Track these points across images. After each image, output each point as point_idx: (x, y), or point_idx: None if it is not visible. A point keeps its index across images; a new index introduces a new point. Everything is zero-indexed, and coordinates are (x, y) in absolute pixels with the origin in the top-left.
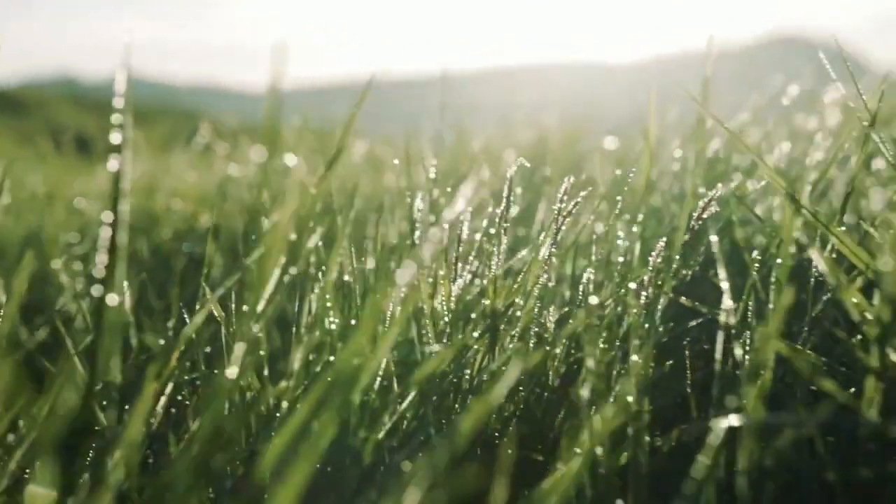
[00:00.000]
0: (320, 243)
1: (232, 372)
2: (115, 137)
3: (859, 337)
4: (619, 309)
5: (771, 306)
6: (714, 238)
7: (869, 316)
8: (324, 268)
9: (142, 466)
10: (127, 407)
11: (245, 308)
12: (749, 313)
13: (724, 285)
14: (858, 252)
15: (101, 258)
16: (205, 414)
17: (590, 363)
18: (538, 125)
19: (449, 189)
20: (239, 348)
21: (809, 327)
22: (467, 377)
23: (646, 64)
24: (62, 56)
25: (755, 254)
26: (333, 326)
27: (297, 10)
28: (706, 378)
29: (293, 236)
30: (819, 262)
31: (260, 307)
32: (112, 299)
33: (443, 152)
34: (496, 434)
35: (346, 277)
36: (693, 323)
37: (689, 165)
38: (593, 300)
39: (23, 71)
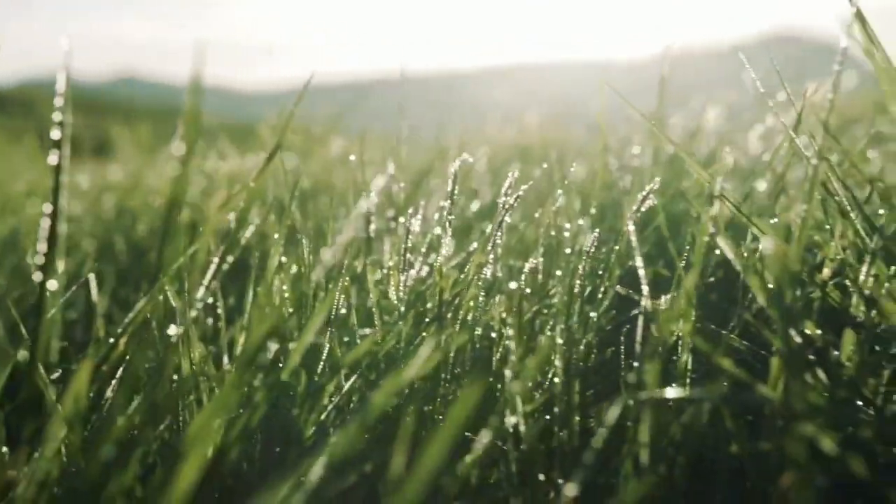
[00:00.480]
0: (276, 235)
1: (170, 354)
2: (55, 133)
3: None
4: (566, 298)
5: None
6: (631, 226)
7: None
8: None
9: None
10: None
11: (179, 293)
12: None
13: (641, 272)
14: (779, 240)
15: (41, 247)
16: (145, 392)
17: (511, 344)
18: (519, 123)
19: (411, 184)
20: (172, 329)
21: (740, 314)
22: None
23: (645, 62)
24: (61, 56)
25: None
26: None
27: (297, 9)
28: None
29: (232, 227)
30: (724, 247)
31: (201, 293)
32: (52, 284)
33: (417, 149)
34: (431, 412)
35: (297, 268)
36: (635, 311)
37: (647, 162)
38: (512, 285)
39: (22, 71)
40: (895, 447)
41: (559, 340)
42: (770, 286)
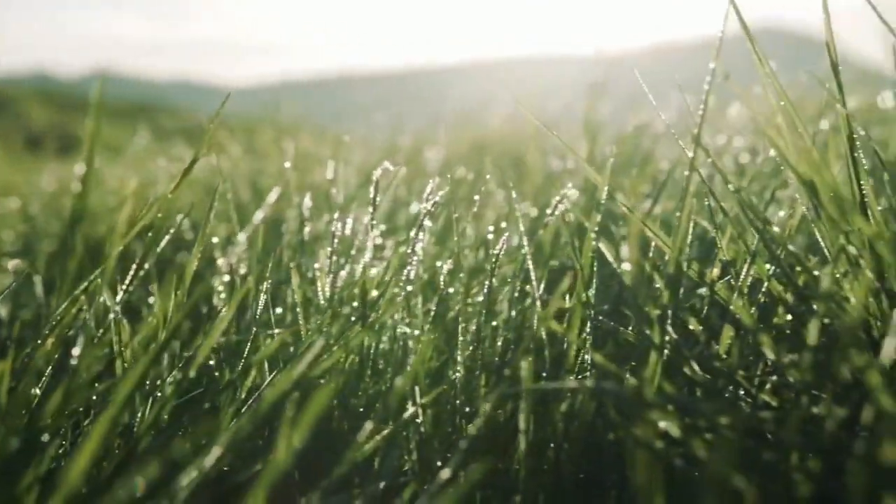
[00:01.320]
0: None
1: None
2: None
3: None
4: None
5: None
6: (522, 228)
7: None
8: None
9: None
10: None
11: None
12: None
13: (532, 273)
14: (665, 239)
15: None
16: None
17: (410, 343)
18: (480, 121)
19: (354, 187)
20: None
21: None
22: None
23: (613, 58)
24: (37, 53)
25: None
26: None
27: (264, 7)
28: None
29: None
30: (604, 250)
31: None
32: None
33: (371, 149)
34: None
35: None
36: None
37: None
38: (409, 288)
39: None
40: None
41: (461, 337)
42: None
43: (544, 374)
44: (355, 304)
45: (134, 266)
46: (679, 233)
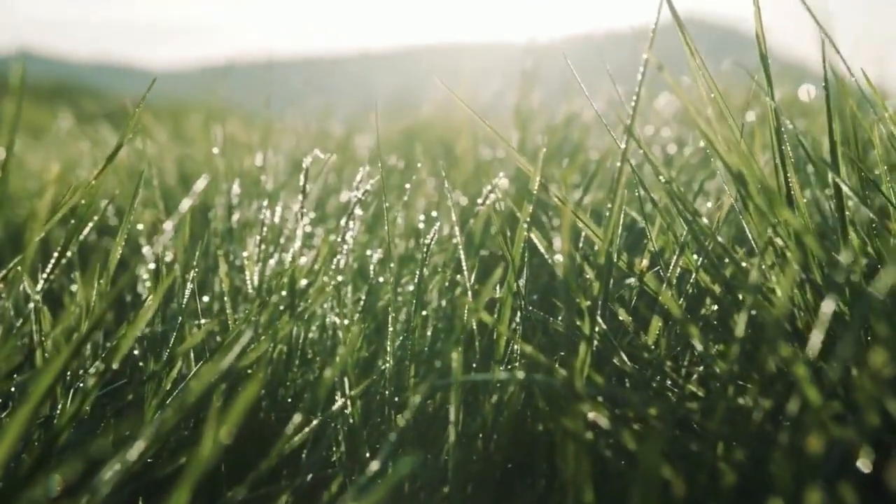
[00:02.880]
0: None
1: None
2: None
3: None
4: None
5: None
6: (454, 220)
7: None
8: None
9: None
10: None
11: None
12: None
13: (464, 264)
14: (595, 230)
15: None
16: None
17: (341, 334)
18: (412, 109)
19: (278, 175)
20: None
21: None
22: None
23: (548, 46)
24: None
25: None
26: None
27: None
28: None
29: (72, 222)
30: (536, 241)
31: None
32: None
33: (305, 136)
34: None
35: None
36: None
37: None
38: (340, 278)
39: None
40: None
41: (391, 327)
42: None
43: (474, 365)
44: (284, 293)
45: (56, 253)
46: (610, 223)
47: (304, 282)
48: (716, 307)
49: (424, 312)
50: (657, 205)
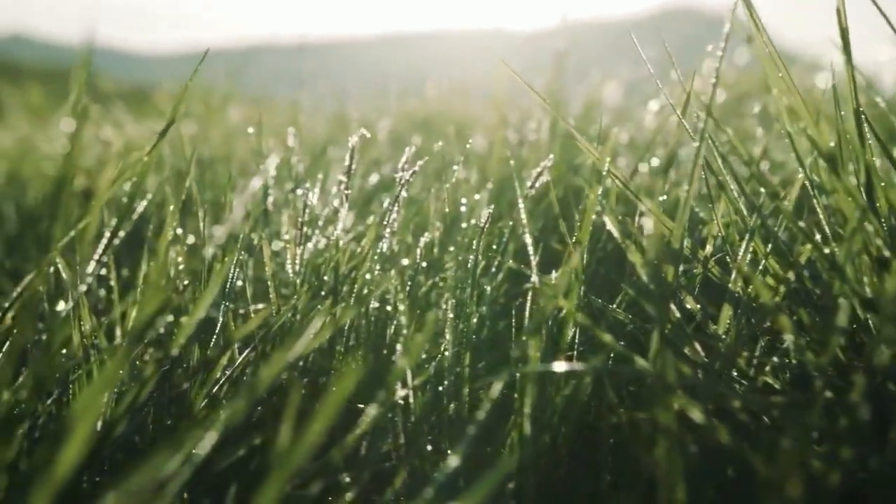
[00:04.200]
0: (171, 207)
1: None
2: None
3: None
4: (460, 273)
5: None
6: (521, 205)
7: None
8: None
9: None
10: None
11: (69, 268)
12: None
13: (530, 249)
14: (663, 218)
15: None
16: (30, 364)
17: (402, 319)
18: (420, 93)
19: (310, 156)
20: (61, 305)
21: (625, 288)
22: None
23: (547, 33)
24: None
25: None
26: (181, 286)
27: None
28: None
29: (125, 200)
30: (609, 225)
31: (90, 268)
32: None
33: (319, 119)
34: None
35: (193, 240)
36: (528, 285)
37: (544, 137)
38: (404, 262)
39: None
40: (762, 416)
41: (450, 314)
42: (652, 262)
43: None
44: (326, 278)
45: (107, 235)
46: (686, 206)
47: (345, 267)
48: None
49: (478, 298)
50: (725, 187)
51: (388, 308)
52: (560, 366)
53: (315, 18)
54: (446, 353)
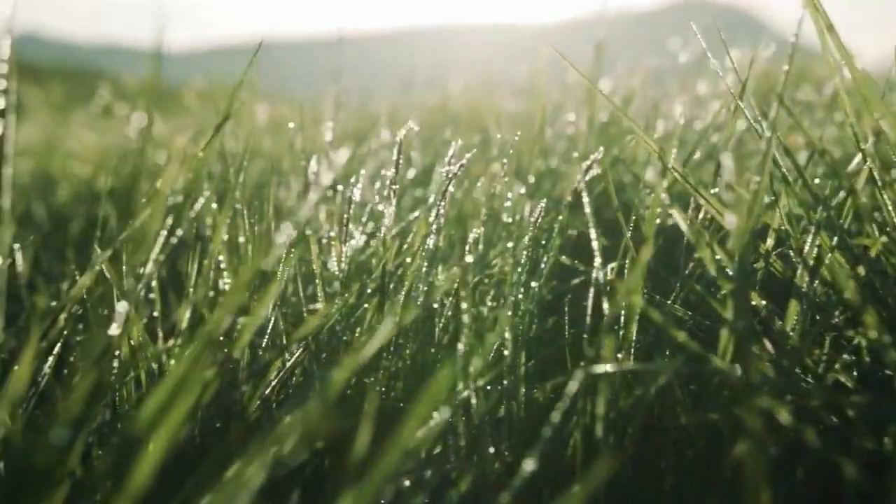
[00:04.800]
0: (215, 205)
1: (114, 329)
2: None
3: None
4: (507, 268)
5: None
6: (586, 199)
7: (729, 271)
8: (212, 229)
9: (30, 424)
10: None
11: (127, 268)
12: (625, 271)
13: (595, 244)
14: (719, 207)
15: None
16: (84, 368)
17: (465, 318)
18: (442, 88)
19: (349, 151)
20: (121, 306)
21: (682, 284)
22: (357, 335)
23: (556, 26)
24: None
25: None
26: (226, 286)
27: None
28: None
29: (180, 198)
30: (679, 220)
31: (149, 268)
32: None
33: (346, 115)
34: (383, 391)
35: (240, 238)
36: (576, 281)
37: (581, 129)
38: (469, 259)
39: None
40: (840, 415)
41: (509, 312)
42: (717, 258)
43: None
44: (373, 275)
45: (164, 234)
46: (756, 198)
47: (391, 264)
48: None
49: (532, 294)
50: (788, 179)
51: (434, 306)
52: (638, 366)
53: (323, 15)
54: (505, 353)
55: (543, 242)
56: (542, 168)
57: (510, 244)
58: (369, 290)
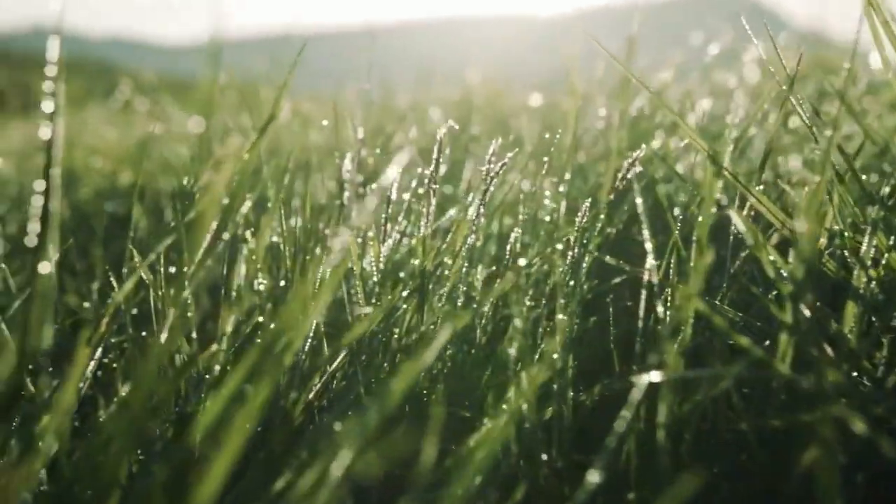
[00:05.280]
0: (247, 206)
1: (164, 337)
2: (48, 105)
3: (774, 293)
4: (546, 267)
5: (692, 264)
6: (639, 199)
7: (784, 273)
8: (252, 231)
9: (70, 431)
10: (51, 370)
11: (176, 272)
12: (671, 271)
13: (648, 245)
14: (775, 211)
15: (33, 226)
16: (136, 378)
17: (517, 322)
18: (462, 81)
19: (378, 149)
20: (171, 313)
21: (728, 284)
22: (396, 337)
23: (568, 17)
24: None
25: (676, 212)
26: (262, 288)
27: None
28: (628, 334)
29: (225, 201)
30: (737, 221)
31: (191, 271)
32: (44, 267)
33: (369, 110)
34: (425, 392)
35: (275, 239)
36: (616, 280)
37: (613, 124)
38: (521, 262)
39: None
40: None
41: (560, 315)
42: (772, 260)
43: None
44: (412, 275)
45: (211, 233)
46: (817, 195)
47: (428, 264)
48: None
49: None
50: (843, 177)
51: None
52: (705, 371)
53: (330, 8)
54: (554, 356)
55: (585, 241)
56: (574, 165)
57: (554, 245)
58: (408, 291)
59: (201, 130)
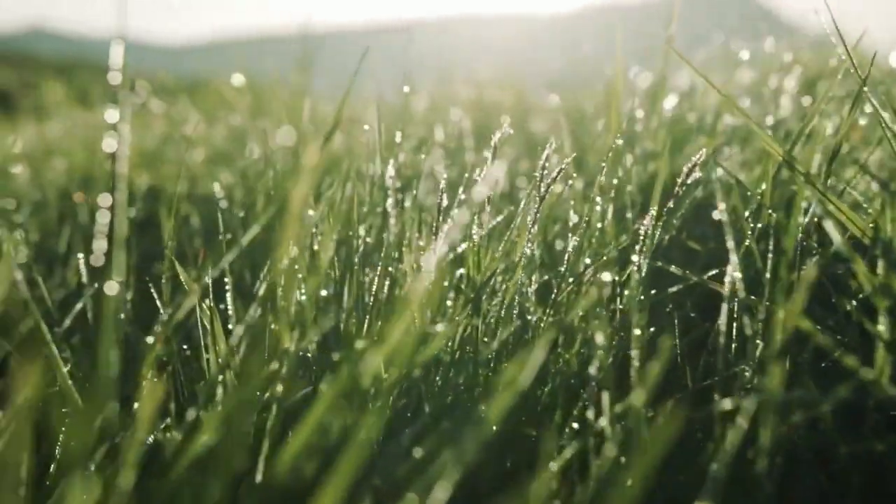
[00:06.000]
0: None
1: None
2: (111, 115)
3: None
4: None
5: (768, 276)
6: (722, 205)
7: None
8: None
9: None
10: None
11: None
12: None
13: (734, 258)
14: (857, 220)
15: (100, 245)
16: (226, 417)
17: (599, 339)
18: (477, 81)
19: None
20: (238, 330)
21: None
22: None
23: (570, 16)
24: None
25: (747, 217)
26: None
27: None
28: (693, 347)
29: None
30: (833, 235)
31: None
32: (111, 288)
33: (387, 111)
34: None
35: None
36: (673, 289)
37: (650, 125)
38: (606, 277)
39: None
40: None
41: (637, 331)
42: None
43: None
44: (463, 286)
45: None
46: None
47: (479, 275)
48: None
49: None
50: None
51: (528, 317)
52: (809, 394)
53: (335, 8)
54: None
55: (643, 249)
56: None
57: (609, 253)
58: (461, 303)
59: (294, 142)
